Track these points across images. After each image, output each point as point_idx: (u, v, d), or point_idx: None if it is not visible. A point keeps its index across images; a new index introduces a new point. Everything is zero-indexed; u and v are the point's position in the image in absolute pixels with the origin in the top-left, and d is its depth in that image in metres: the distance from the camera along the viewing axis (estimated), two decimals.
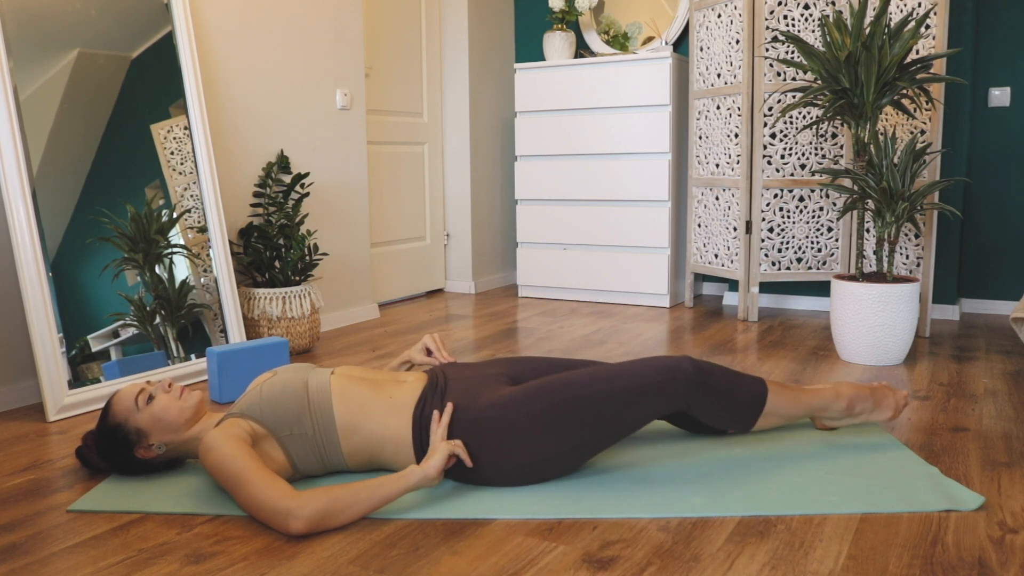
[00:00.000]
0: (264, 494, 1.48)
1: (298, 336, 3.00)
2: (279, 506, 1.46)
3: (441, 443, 1.60)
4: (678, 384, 1.68)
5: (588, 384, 1.65)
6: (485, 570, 1.36)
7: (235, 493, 1.53)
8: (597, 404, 1.64)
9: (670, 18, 4.16)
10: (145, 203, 2.61)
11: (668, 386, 1.67)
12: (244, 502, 1.51)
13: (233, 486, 1.52)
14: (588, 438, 1.66)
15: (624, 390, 1.65)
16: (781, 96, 3.45)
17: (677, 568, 1.36)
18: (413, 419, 1.68)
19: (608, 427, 1.66)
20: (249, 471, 1.51)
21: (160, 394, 1.73)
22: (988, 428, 2.07)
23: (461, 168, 4.45)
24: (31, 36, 2.37)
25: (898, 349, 2.74)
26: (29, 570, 1.38)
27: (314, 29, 3.39)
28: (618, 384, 1.66)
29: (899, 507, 1.57)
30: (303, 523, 1.45)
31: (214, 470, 1.56)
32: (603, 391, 1.65)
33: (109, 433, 1.72)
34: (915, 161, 2.70)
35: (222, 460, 1.55)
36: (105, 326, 2.43)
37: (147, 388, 1.73)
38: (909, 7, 3.25)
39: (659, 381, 1.67)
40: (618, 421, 1.66)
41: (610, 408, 1.65)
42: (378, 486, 1.52)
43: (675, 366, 1.69)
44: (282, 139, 3.28)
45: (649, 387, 1.66)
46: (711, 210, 3.77)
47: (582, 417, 1.64)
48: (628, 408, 1.66)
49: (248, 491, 1.49)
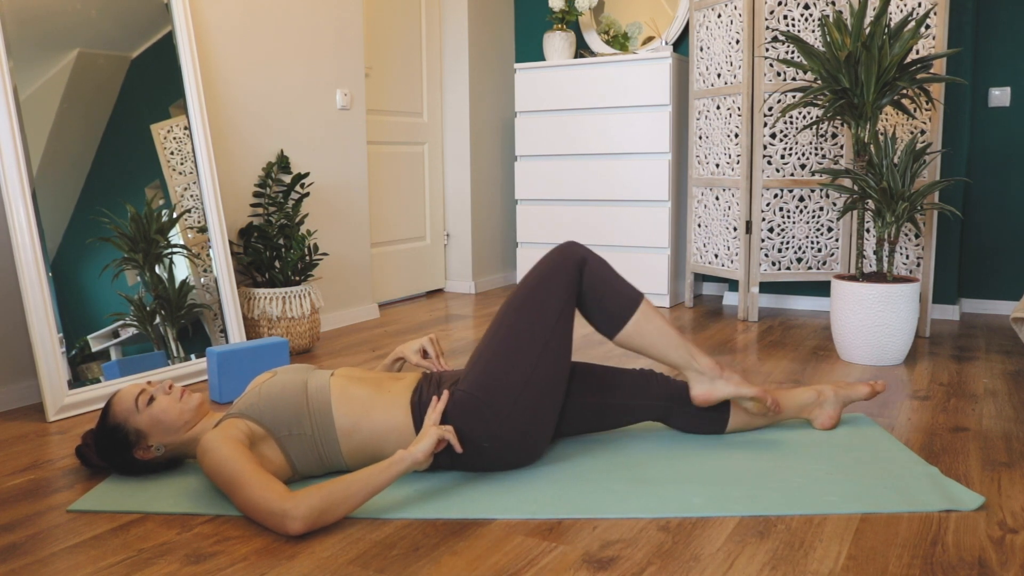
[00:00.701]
0: (260, 496, 1.47)
1: (298, 336, 3.00)
2: (275, 508, 1.46)
3: (432, 427, 1.61)
4: (568, 259, 1.77)
5: (509, 303, 1.77)
6: (485, 570, 1.36)
7: (232, 496, 1.52)
8: (523, 313, 1.73)
9: (670, 18, 4.16)
10: (145, 203, 2.61)
11: (559, 262, 1.77)
12: (241, 505, 1.51)
13: (230, 489, 1.52)
14: (538, 348, 1.71)
15: (532, 287, 1.76)
16: (781, 96, 3.45)
17: (677, 568, 1.36)
18: (411, 405, 1.71)
19: (541, 326, 1.72)
20: (246, 474, 1.50)
21: (160, 396, 1.73)
22: (988, 428, 2.07)
23: (461, 168, 4.45)
24: (31, 36, 2.37)
25: (898, 349, 2.74)
26: (29, 570, 1.38)
27: (314, 29, 3.39)
28: (526, 286, 1.77)
29: (899, 507, 1.57)
30: (300, 523, 1.45)
31: (211, 472, 1.56)
32: (520, 298, 1.76)
33: (109, 433, 1.72)
34: (915, 161, 2.70)
35: (218, 462, 1.54)
36: (105, 326, 2.43)
37: (148, 389, 1.73)
38: (909, 7, 3.25)
39: (552, 262, 1.77)
40: (543, 317, 1.73)
41: (532, 309, 1.73)
42: (370, 476, 1.52)
43: (564, 247, 1.80)
44: (282, 139, 3.28)
45: (545, 273, 1.76)
46: (711, 210, 3.77)
47: (519, 333, 1.72)
48: (544, 301, 1.74)
49: (244, 494, 1.49)
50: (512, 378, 1.68)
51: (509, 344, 1.71)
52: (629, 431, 2.05)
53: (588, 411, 1.86)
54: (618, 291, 1.79)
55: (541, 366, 1.70)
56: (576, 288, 1.77)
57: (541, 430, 1.74)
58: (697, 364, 1.84)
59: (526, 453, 1.74)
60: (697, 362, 1.84)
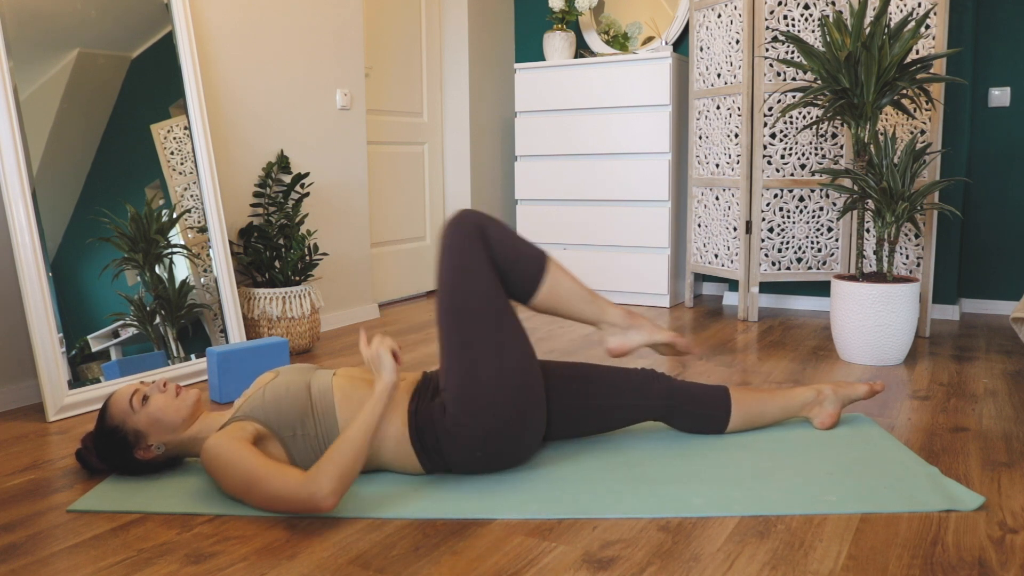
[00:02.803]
0: (281, 489, 1.50)
1: (298, 336, 3.00)
2: (301, 495, 1.48)
3: (370, 353, 1.64)
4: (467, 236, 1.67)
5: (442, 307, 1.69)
6: (485, 570, 1.36)
7: (249, 494, 1.54)
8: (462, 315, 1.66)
9: (670, 18, 4.16)
10: (145, 203, 2.61)
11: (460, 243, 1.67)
12: (262, 501, 1.53)
13: (246, 488, 1.54)
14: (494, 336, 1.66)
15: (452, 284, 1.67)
16: (781, 96, 3.45)
17: (677, 568, 1.36)
18: (408, 414, 1.70)
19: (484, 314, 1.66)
20: (259, 470, 1.53)
21: (156, 394, 1.72)
22: (988, 428, 2.07)
23: (461, 168, 4.45)
24: (31, 36, 2.37)
25: (898, 349, 2.74)
26: (29, 570, 1.38)
27: (314, 29, 3.39)
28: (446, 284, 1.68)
29: (899, 507, 1.57)
30: (332, 498, 1.49)
31: (221, 475, 1.57)
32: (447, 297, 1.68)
33: (107, 436, 1.72)
34: (915, 161, 2.70)
35: (228, 465, 1.55)
36: (105, 326, 2.43)
37: (141, 389, 1.73)
38: (909, 7, 3.25)
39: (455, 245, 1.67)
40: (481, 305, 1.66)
41: (466, 302, 1.66)
42: (361, 424, 1.56)
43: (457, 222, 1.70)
44: (282, 139, 3.28)
45: (455, 263, 1.67)
46: (711, 210, 3.77)
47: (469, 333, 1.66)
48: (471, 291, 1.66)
49: (263, 489, 1.51)
50: (484, 378, 1.65)
51: (464, 351, 1.66)
52: (629, 431, 2.05)
53: (591, 412, 1.86)
54: (523, 255, 1.72)
55: (507, 352, 1.67)
56: (487, 255, 1.69)
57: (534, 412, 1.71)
58: (608, 317, 1.81)
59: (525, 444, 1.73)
60: (607, 315, 1.80)
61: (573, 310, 1.78)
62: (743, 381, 2.56)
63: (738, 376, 2.62)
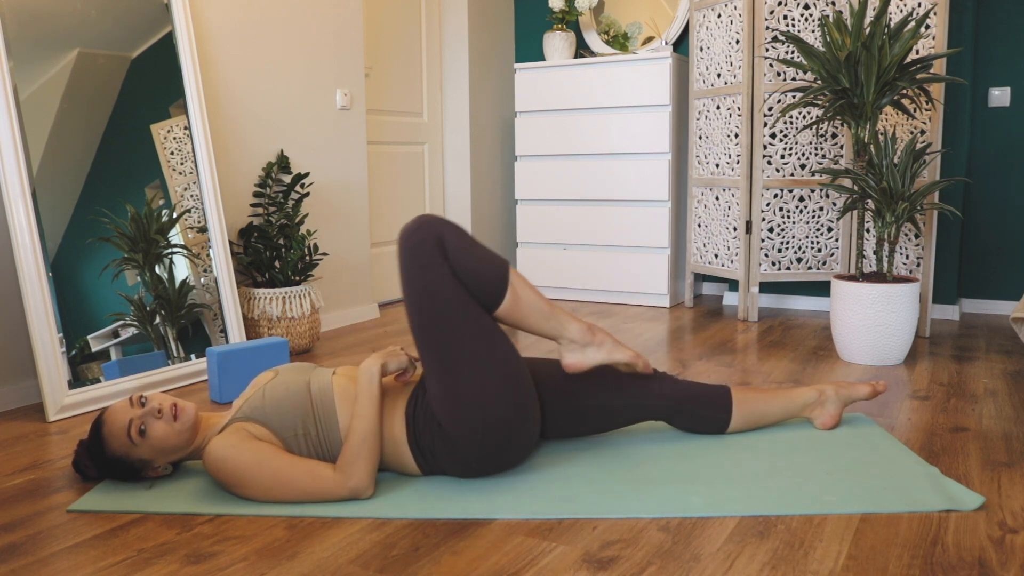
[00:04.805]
0: (314, 487, 1.59)
1: (298, 336, 3.00)
2: (340, 493, 1.59)
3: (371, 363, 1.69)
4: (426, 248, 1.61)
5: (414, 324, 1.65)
6: (485, 570, 1.36)
7: (270, 493, 1.58)
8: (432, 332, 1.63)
9: (670, 18, 4.16)
10: (145, 203, 2.61)
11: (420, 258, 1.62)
12: (289, 497, 1.59)
13: (268, 487, 1.57)
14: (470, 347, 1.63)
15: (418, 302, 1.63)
16: (781, 96, 3.45)
17: (677, 568, 1.36)
18: (406, 417, 1.69)
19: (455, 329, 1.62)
20: (284, 468, 1.58)
21: (152, 422, 1.65)
22: (988, 428, 2.07)
23: (461, 168, 4.45)
24: (31, 36, 2.37)
25: (898, 349, 2.74)
26: (29, 570, 1.38)
27: (314, 29, 3.39)
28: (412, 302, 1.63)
29: (899, 507, 1.57)
30: (372, 487, 1.61)
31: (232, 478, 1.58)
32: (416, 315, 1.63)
33: (112, 463, 1.69)
34: (915, 161, 2.70)
35: (244, 468, 1.56)
36: (105, 326, 2.43)
37: (135, 419, 1.64)
38: (909, 7, 3.25)
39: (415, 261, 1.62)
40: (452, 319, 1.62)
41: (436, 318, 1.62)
42: (364, 408, 1.64)
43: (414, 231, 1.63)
44: (282, 139, 3.28)
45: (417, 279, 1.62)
46: (711, 210, 3.77)
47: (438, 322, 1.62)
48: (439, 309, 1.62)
49: (294, 488, 1.58)
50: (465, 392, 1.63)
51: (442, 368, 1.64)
52: (629, 431, 2.05)
53: (591, 411, 1.86)
54: (484, 266, 1.65)
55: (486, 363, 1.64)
56: (448, 268, 1.63)
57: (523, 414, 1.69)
58: (567, 332, 1.74)
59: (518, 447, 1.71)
60: (567, 330, 1.74)
61: (532, 326, 1.72)
62: (743, 381, 2.56)
63: (738, 376, 2.62)
